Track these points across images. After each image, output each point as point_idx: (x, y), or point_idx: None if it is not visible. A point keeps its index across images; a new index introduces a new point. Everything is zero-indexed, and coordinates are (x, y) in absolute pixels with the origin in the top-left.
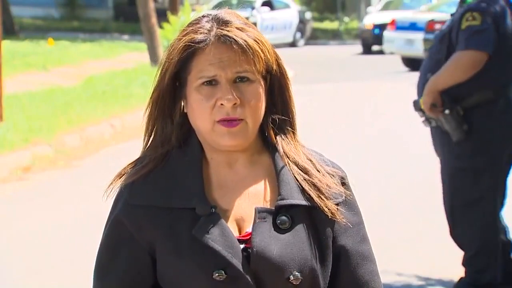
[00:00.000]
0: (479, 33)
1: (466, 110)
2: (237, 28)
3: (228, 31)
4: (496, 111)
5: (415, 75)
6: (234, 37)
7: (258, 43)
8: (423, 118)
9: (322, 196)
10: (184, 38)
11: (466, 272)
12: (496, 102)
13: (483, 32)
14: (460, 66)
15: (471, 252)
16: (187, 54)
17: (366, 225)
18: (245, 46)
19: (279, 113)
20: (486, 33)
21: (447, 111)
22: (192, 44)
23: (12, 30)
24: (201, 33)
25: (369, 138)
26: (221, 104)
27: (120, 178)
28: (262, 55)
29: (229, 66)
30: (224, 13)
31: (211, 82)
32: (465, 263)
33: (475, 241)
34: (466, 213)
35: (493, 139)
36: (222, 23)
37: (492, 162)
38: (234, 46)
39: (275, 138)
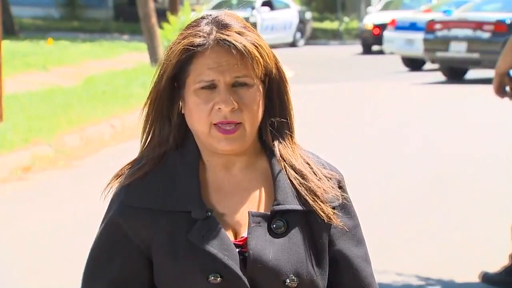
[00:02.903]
0: None
1: None
2: (237, 32)
3: (227, 35)
4: None
5: (415, 75)
6: (233, 41)
7: (257, 48)
8: None
9: (318, 201)
10: (183, 41)
11: None
12: None
13: None
14: (506, 49)
15: None
16: (186, 57)
17: (366, 226)
18: (244, 51)
19: (277, 116)
20: None
21: (507, 93)
22: (191, 47)
23: (12, 30)
24: (200, 36)
25: (369, 138)
26: (219, 108)
27: (117, 179)
28: (261, 60)
29: (227, 71)
30: (223, 16)
31: (210, 86)
32: None
33: None
34: None
35: None
36: (222, 26)
37: None
38: (233, 51)
39: (273, 142)
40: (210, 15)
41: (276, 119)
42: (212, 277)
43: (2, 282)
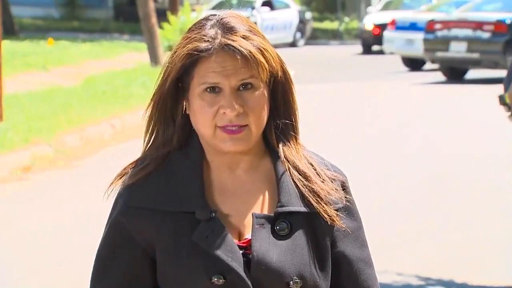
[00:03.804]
0: None
1: None
2: (242, 36)
3: (232, 40)
4: None
5: (415, 75)
6: (239, 47)
7: (263, 52)
8: (508, 113)
9: (322, 202)
10: (187, 45)
11: None
12: None
13: None
14: None
15: None
16: (190, 61)
17: (366, 225)
18: (249, 57)
19: (281, 116)
20: None
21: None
22: (196, 52)
23: (12, 30)
24: (205, 41)
25: (369, 138)
26: (224, 113)
27: (120, 178)
28: (266, 65)
29: (232, 74)
30: (229, 17)
31: (214, 89)
32: None
33: None
34: None
35: None
36: (227, 30)
37: None
38: (238, 56)
39: (277, 142)
40: (215, 15)
41: (281, 120)
42: (216, 279)
43: (2, 282)
